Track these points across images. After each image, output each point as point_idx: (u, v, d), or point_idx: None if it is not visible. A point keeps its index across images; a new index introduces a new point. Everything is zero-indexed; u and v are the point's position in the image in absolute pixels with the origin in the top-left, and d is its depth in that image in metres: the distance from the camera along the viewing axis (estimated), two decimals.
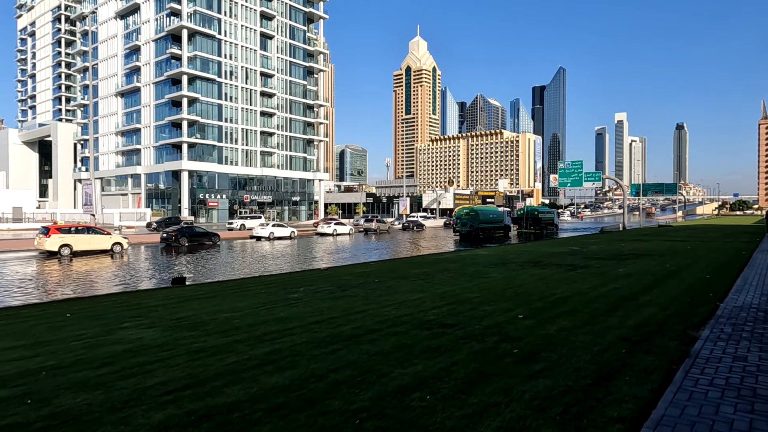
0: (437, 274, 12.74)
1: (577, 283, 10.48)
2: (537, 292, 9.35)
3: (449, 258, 18.68)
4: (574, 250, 20.80)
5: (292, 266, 20.93)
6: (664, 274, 11.79)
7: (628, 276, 11.53)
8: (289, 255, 27.30)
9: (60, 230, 26.78)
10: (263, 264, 22.44)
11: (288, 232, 43.79)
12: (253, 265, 22.12)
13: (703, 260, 15.19)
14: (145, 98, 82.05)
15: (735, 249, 20.00)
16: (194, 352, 5.56)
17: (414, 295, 9.36)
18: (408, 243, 38.76)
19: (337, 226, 49.39)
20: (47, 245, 25.57)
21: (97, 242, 27.34)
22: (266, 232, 42.11)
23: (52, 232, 26.23)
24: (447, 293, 9.44)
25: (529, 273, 12.40)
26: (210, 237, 34.73)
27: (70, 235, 26.54)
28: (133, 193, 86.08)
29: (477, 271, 13.36)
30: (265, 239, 41.26)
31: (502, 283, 10.71)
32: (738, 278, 10.90)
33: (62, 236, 26.17)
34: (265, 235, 41.89)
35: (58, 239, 25.87)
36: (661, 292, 9.23)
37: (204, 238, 34.25)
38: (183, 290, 12.61)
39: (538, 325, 6.52)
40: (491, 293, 9.33)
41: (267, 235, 41.90)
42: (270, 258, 25.43)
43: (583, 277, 11.42)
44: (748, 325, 6.39)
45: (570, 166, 65.89)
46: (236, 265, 21.94)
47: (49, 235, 25.86)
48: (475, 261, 16.63)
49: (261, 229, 42.42)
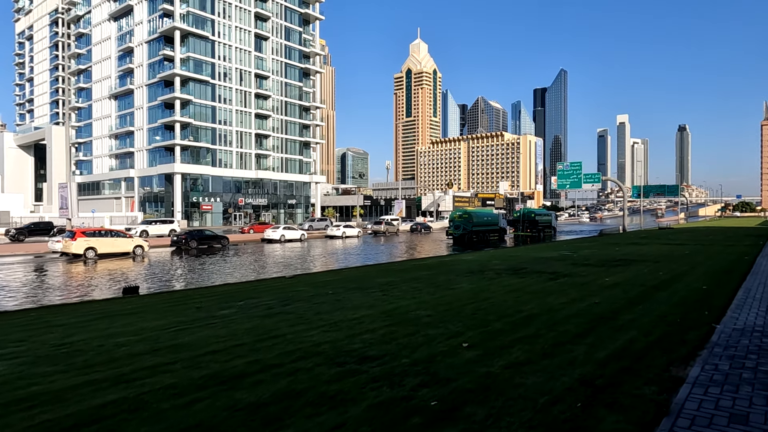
0: (402, 285, 11.37)
1: (553, 296, 9.08)
2: (501, 308, 7.96)
3: (428, 264, 17.30)
4: (564, 254, 19.38)
5: (275, 272, 19.95)
6: (655, 285, 10.37)
7: (614, 287, 10.11)
8: (285, 259, 26.91)
9: (85, 234, 27.74)
10: (249, 269, 21.62)
11: (298, 235, 44.81)
12: (239, 270, 21.38)
13: (700, 267, 13.74)
14: (138, 101, 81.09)
15: (737, 254, 18.54)
16: (14, 402, 4.21)
17: (358, 312, 7.99)
18: (405, 246, 38.06)
19: (346, 228, 51.61)
20: (73, 248, 26.33)
21: (119, 245, 28.30)
22: (277, 235, 43.18)
23: (78, 235, 27.09)
24: (397, 310, 8.07)
25: (504, 283, 11.00)
26: (219, 240, 35.27)
27: (94, 239, 27.51)
28: (127, 197, 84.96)
29: (448, 280, 11.98)
30: (276, 242, 42.22)
31: (467, 296, 9.32)
32: (739, 290, 9.49)
33: (87, 239, 27.06)
34: (276, 237, 42.85)
35: (84, 242, 26.71)
36: (647, 308, 7.82)
37: (213, 241, 34.68)
38: (120, 303, 11.28)
39: (483, 357, 5.14)
40: (448, 310, 7.95)
41: (278, 238, 42.87)
42: (263, 263, 24.75)
43: (563, 288, 10.01)
44: (750, 359, 5.00)
45: (569, 167, 64.56)
46: (219, 271, 21.10)
47: (75, 239, 26.68)
48: (453, 268, 15.24)
49: (272, 233, 43.67)
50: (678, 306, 7.97)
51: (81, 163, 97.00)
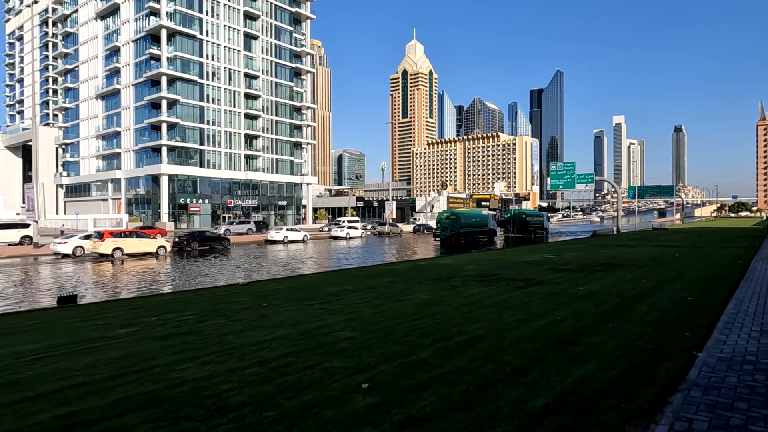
0: (351, 295, 10.03)
1: (512, 310, 7.74)
2: (443, 328, 6.62)
3: (397, 269, 15.97)
4: (546, 258, 18.07)
5: (250, 275, 18.82)
6: (635, 295, 9.04)
7: (587, 298, 8.77)
8: (272, 261, 26.59)
9: (113, 234, 29.02)
10: (232, 272, 21.12)
11: (301, 236, 45.67)
12: (221, 273, 21.04)
13: (689, 273, 12.40)
14: (125, 101, 79.63)
15: (730, 257, 17.24)
16: None
17: (274, 333, 6.63)
18: (396, 248, 37.49)
19: (350, 229, 53.21)
20: (102, 248, 27.56)
21: (144, 245, 29.46)
22: (281, 236, 43.97)
23: (106, 236, 28.34)
24: (318, 330, 6.72)
25: (465, 293, 9.66)
26: (220, 241, 36.03)
27: (121, 239, 28.66)
28: (114, 199, 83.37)
29: (406, 288, 10.65)
30: (279, 243, 42.75)
31: (413, 310, 7.97)
32: (730, 301, 8.18)
33: (115, 240, 28.23)
34: (279, 238, 43.53)
35: (111, 243, 27.88)
36: (617, 328, 6.48)
37: (215, 243, 35.38)
38: (26, 318, 9.90)
39: (377, 408, 3.78)
40: (379, 330, 6.61)
41: (282, 239, 43.55)
42: (250, 266, 24.26)
43: (528, 300, 8.67)
44: (738, 409, 3.67)
45: (562, 167, 63.46)
46: (201, 273, 20.55)
47: (103, 240, 27.87)
48: (422, 274, 13.90)
49: (276, 234, 44.43)
50: (654, 325, 6.63)
51: (68, 165, 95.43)
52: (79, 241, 29.96)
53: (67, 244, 29.45)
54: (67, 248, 29.09)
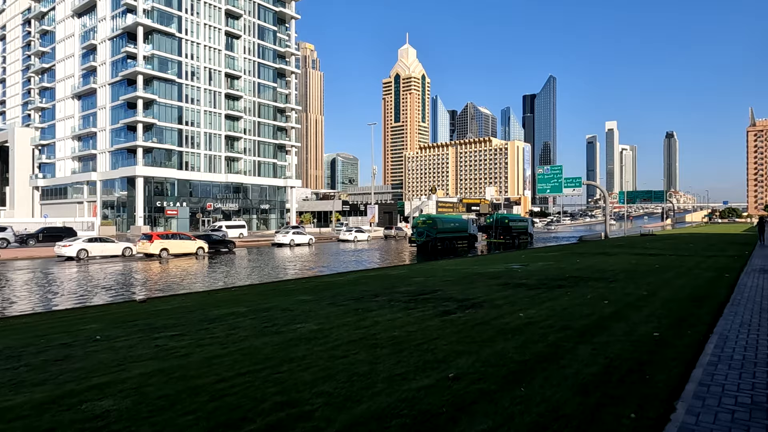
0: (227, 321, 7.79)
1: (406, 352, 5.49)
2: (269, 393, 4.35)
3: (334, 282, 13.73)
4: (510, 269, 15.90)
5: (215, 283, 17.62)
6: (584, 327, 6.81)
7: (519, 332, 6.54)
8: (257, 267, 25.97)
9: (160, 237, 31.45)
10: (192, 279, 20.27)
11: (306, 240, 46.05)
12: (196, 279, 20.21)
13: (663, 292, 10.18)
14: (101, 100, 77.05)
15: (716, 268, 15.12)
16: None
17: (15, 398, 4.38)
18: (380, 253, 36.70)
19: (357, 233, 53.36)
20: (151, 249, 29.86)
21: (186, 246, 31.84)
22: (287, 239, 44.15)
23: (155, 238, 30.79)
24: (82, 394, 4.47)
25: (368, 322, 7.40)
26: (226, 244, 36.72)
27: (167, 241, 31.15)
28: (89, 202, 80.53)
29: (305, 313, 8.40)
30: (285, 246, 42.68)
31: (271, 352, 5.72)
32: (710, 338, 6.04)
33: (162, 242, 30.65)
34: (285, 242, 43.60)
35: (159, 244, 30.30)
36: (530, 395, 4.20)
37: (220, 245, 36.07)
38: None
39: None
40: (174, 394, 4.36)
41: (288, 242, 43.68)
42: (232, 271, 23.47)
43: (441, 334, 6.43)
44: None
45: (549, 171, 61.67)
46: (165, 282, 19.38)
47: (152, 241, 30.29)
48: (350, 290, 11.67)
49: (282, 237, 44.51)
50: (588, 391, 4.36)
51: (44, 166, 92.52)
52: (83, 244, 29.95)
53: (71, 247, 29.32)
54: (71, 251, 29.05)
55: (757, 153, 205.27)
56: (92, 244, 30.12)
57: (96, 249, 29.92)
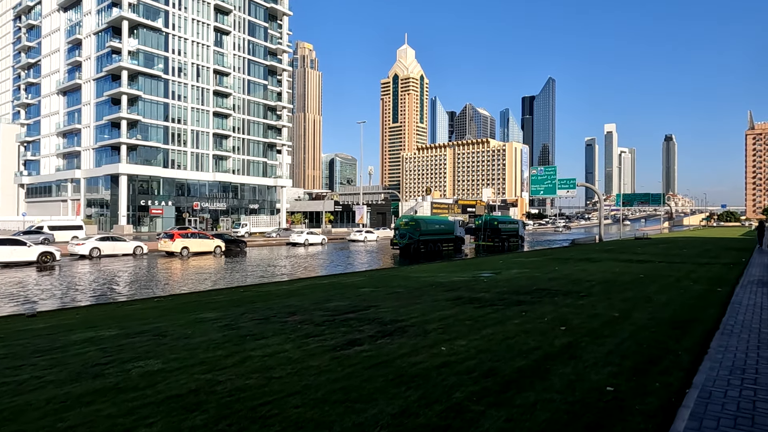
0: (84, 351, 6.06)
1: (220, 426, 3.75)
2: None
3: (282, 292, 12.01)
4: (477, 277, 14.16)
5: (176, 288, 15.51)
6: (515, 375, 4.79)
7: (426, 379, 4.74)
8: (255, 268, 25.63)
9: (181, 235, 33.09)
10: (176, 282, 19.68)
11: (319, 240, 47.21)
12: (182, 282, 19.82)
13: (640, 312, 8.41)
14: (86, 96, 75.17)
15: (709, 279, 13.39)
16: None
17: None
18: (369, 256, 36.12)
19: (367, 233, 54.77)
20: (173, 247, 31.62)
21: (205, 245, 33.44)
22: (302, 239, 45.48)
23: (176, 237, 32.40)
24: None
25: (236, 358, 5.58)
26: (237, 244, 37.85)
27: (188, 240, 32.85)
28: (73, 200, 78.63)
29: (186, 336, 6.69)
30: (300, 246, 43.60)
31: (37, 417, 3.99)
32: (688, 394, 4.29)
33: (183, 240, 32.38)
34: (300, 241, 44.87)
35: (180, 242, 32.05)
36: None
37: (232, 245, 36.87)
38: None
39: None
40: None
41: (302, 242, 44.91)
42: (223, 273, 22.93)
43: (313, 383, 4.58)
44: None
45: (543, 172, 59.98)
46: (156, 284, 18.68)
47: (174, 240, 32.00)
48: (276, 303, 9.94)
49: (297, 237, 45.82)
50: None
51: (29, 163, 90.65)
52: (96, 242, 31.13)
53: (84, 246, 30.44)
54: (84, 249, 30.12)
55: (755, 156, 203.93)
56: (104, 242, 31.43)
57: (107, 247, 31.21)
